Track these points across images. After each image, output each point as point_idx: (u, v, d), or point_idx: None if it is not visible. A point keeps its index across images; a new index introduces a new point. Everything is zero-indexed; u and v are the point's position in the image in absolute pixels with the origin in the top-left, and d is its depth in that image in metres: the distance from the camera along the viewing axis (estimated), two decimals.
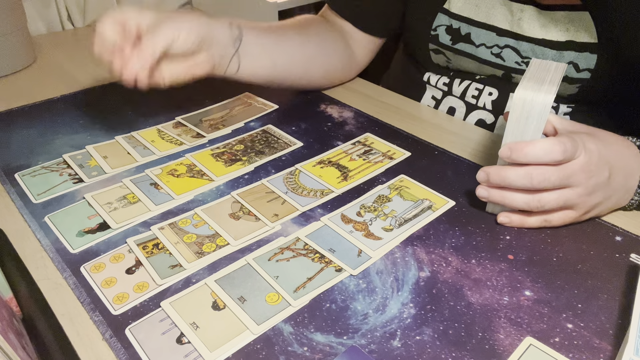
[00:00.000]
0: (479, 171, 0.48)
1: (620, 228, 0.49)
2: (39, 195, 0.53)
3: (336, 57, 0.73)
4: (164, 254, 0.46)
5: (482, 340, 0.38)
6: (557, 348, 0.38)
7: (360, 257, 0.46)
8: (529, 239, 0.48)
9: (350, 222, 0.50)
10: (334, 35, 0.73)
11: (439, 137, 0.65)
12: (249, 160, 0.59)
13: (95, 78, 0.80)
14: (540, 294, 0.42)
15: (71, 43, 0.97)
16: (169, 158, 0.60)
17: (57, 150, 0.61)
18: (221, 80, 0.63)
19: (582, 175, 0.44)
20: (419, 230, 0.49)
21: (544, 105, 0.43)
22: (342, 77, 0.77)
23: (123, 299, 0.41)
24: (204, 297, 0.41)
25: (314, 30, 0.71)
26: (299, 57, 0.68)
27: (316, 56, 0.70)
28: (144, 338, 0.38)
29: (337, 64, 0.74)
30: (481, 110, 0.69)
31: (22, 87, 0.77)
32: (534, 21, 0.60)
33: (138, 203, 0.52)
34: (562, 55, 0.58)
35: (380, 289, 0.43)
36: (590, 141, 0.45)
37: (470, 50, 0.66)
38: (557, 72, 0.46)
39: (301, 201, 0.53)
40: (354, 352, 0.37)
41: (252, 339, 0.38)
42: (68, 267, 0.44)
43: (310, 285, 0.43)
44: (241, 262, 0.45)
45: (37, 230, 0.49)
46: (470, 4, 0.64)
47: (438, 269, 0.45)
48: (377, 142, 0.63)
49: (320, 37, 0.71)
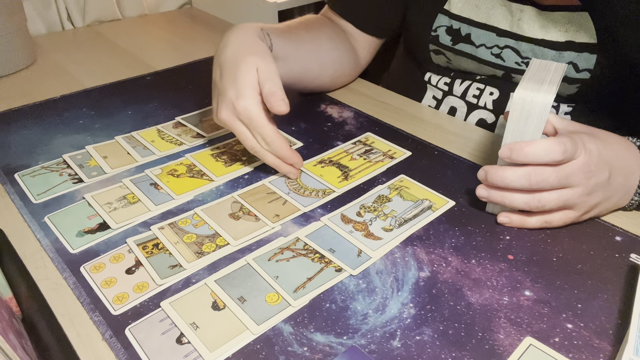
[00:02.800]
0: (480, 170, 0.48)
1: (620, 228, 0.49)
2: (39, 196, 0.53)
3: (345, 60, 0.74)
4: (164, 254, 0.46)
5: (482, 340, 0.38)
6: (557, 348, 0.38)
7: (360, 257, 0.46)
8: (529, 239, 0.48)
9: (350, 222, 0.50)
10: (343, 38, 0.73)
11: (439, 137, 0.65)
12: (249, 160, 0.59)
13: (95, 78, 0.80)
14: (540, 294, 0.42)
15: (71, 43, 0.97)
16: (169, 158, 0.60)
17: (57, 150, 0.61)
18: None
19: (581, 176, 0.44)
20: (419, 230, 0.49)
21: (544, 105, 0.43)
22: (348, 79, 0.77)
23: (123, 299, 0.41)
24: (203, 297, 0.41)
25: (325, 35, 0.71)
26: (314, 63, 0.68)
27: (328, 61, 0.70)
28: (144, 338, 0.38)
29: (346, 67, 0.74)
30: (482, 109, 0.69)
31: (22, 87, 0.77)
32: (533, 22, 0.60)
33: (138, 203, 0.52)
34: (562, 55, 0.58)
35: (380, 289, 0.43)
36: (590, 141, 0.45)
37: (471, 50, 0.66)
38: (557, 72, 0.46)
39: (303, 201, 0.53)
40: (353, 352, 0.37)
41: (252, 339, 0.38)
42: (68, 267, 0.44)
43: (310, 285, 0.43)
44: (241, 262, 0.45)
45: (37, 230, 0.49)
46: (470, 5, 0.64)
47: (438, 269, 0.45)
48: (377, 142, 0.63)
49: (332, 42, 0.71)
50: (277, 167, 0.54)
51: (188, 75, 0.81)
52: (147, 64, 0.86)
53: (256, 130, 0.51)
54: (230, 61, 0.53)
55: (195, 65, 0.85)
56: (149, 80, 0.79)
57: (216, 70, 0.55)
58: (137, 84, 0.78)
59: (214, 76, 0.56)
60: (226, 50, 0.55)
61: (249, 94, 0.51)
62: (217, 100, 0.54)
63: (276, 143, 0.52)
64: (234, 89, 0.51)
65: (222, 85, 0.53)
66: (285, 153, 0.53)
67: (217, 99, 0.54)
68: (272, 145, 0.52)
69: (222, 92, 0.53)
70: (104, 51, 0.92)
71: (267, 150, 0.53)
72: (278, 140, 0.52)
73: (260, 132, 0.51)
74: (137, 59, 0.88)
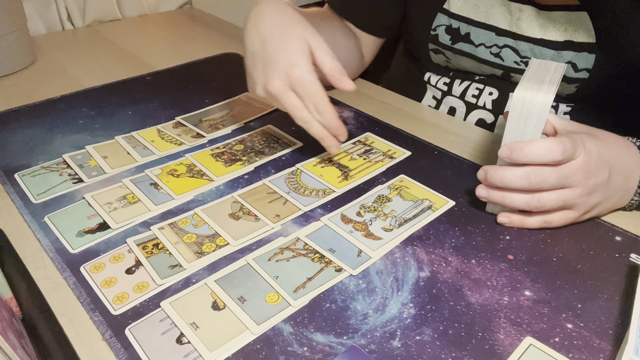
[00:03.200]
0: (480, 170, 0.48)
1: (620, 228, 0.49)
2: (39, 195, 0.53)
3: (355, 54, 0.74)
4: (164, 254, 0.46)
5: (482, 340, 0.38)
6: (557, 348, 0.38)
7: (360, 257, 0.46)
8: (529, 239, 0.48)
9: (350, 222, 0.50)
10: (352, 34, 0.74)
11: (439, 137, 0.65)
12: (249, 160, 0.59)
13: (95, 78, 0.80)
14: (540, 294, 0.42)
15: (71, 43, 0.97)
16: (169, 158, 0.60)
17: (57, 150, 0.61)
18: (221, 80, 0.63)
19: (581, 176, 0.44)
20: (419, 230, 0.49)
21: (544, 105, 0.43)
22: (353, 76, 0.77)
23: (123, 299, 0.41)
24: (203, 297, 0.41)
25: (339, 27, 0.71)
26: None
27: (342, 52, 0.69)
28: (144, 338, 0.38)
29: (353, 63, 0.75)
30: (481, 109, 0.69)
31: (22, 87, 0.77)
32: (532, 21, 0.60)
33: (138, 203, 0.52)
34: (561, 55, 0.58)
35: (380, 289, 0.43)
36: (590, 141, 0.45)
37: (470, 50, 0.66)
38: (557, 72, 0.46)
39: (303, 201, 0.53)
40: (353, 352, 0.37)
41: (252, 339, 0.38)
42: (68, 267, 0.44)
43: (310, 285, 0.43)
44: (241, 262, 0.45)
45: (37, 230, 0.49)
46: (469, 4, 0.64)
47: (438, 269, 0.45)
48: (377, 142, 0.63)
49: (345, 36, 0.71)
50: (323, 138, 0.53)
51: (188, 75, 0.81)
52: (147, 64, 0.86)
53: (311, 100, 0.50)
54: (276, 31, 0.51)
55: (195, 65, 0.85)
56: (149, 80, 0.79)
57: (254, 41, 0.53)
58: (137, 84, 0.78)
59: (250, 47, 0.53)
60: (265, 20, 0.53)
61: (304, 62, 0.50)
62: (263, 71, 0.51)
63: (330, 112, 0.51)
64: (285, 58, 0.49)
65: (269, 55, 0.50)
66: (336, 122, 0.52)
67: (261, 69, 0.52)
68: (326, 114, 0.51)
69: (270, 62, 0.50)
70: (104, 51, 0.92)
71: (317, 120, 0.52)
72: (331, 109, 0.51)
73: (315, 101, 0.50)
74: (137, 59, 0.88)
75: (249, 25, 0.55)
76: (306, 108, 0.51)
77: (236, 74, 0.80)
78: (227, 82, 0.65)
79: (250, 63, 0.54)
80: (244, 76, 0.57)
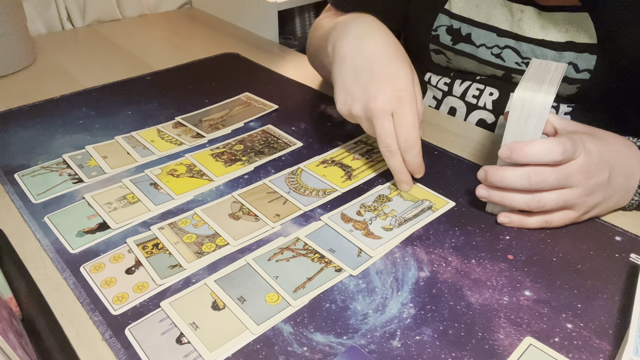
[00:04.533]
0: (480, 170, 0.48)
1: (620, 228, 0.49)
2: (39, 196, 0.53)
3: None
4: (164, 254, 0.46)
5: (482, 340, 0.38)
6: (557, 348, 0.38)
7: (360, 257, 0.46)
8: (528, 239, 0.48)
9: (350, 221, 0.50)
10: None
11: (439, 137, 0.65)
12: (249, 160, 0.59)
13: (95, 78, 0.80)
14: (540, 294, 0.42)
15: (71, 43, 0.97)
16: (169, 158, 0.60)
17: (57, 150, 0.61)
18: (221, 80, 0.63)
19: (581, 176, 0.44)
20: (419, 230, 0.49)
21: (544, 105, 0.43)
22: None
23: (123, 299, 0.41)
24: (203, 297, 0.41)
25: None
26: None
27: None
28: (144, 338, 0.38)
29: None
30: (482, 110, 0.69)
31: (22, 87, 0.77)
32: (533, 22, 0.60)
33: (138, 203, 0.52)
34: (562, 55, 0.58)
35: (380, 289, 0.43)
36: (590, 141, 0.45)
37: (471, 50, 0.66)
38: (557, 73, 0.46)
39: (303, 201, 0.53)
40: (353, 352, 0.37)
41: (252, 339, 0.38)
42: (68, 267, 0.44)
43: (310, 285, 0.43)
44: (241, 262, 0.45)
45: (36, 230, 0.49)
46: (470, 5, 0.64)
47: (438, 269, 0.45)
48: None
49: None
50: (400, 172, 0.52)
51: (188, 75, 0.81)
52: (147, 64, 0.86)
53: (404, 130, 0.49)
54: (385, 54, 0.51)
55: (195, 65, 0.85)
56: (149, 80, 0.79)
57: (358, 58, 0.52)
58: (137, 84, 0.78)
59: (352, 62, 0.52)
60: (377, 39, 0.52)
61: (412, 90, 0.50)
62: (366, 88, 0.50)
63: (419, 148, 0.50)
64: (397, 80, 0.49)
65: (377, 73, 0.50)
66: (420, 160, 0.51)
67: (363, 86, 0.51)
68: (414, 150, 0.50)
69: (379, 80, 0.50)
70: (104, 51, 0.92)
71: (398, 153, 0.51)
72: (420, 146, 0.50)
73: (408, 132, 0.49)
74: (137, 59, 0.88)
75: (349, 40, 0.53)
76: (395, 137, 0.50)
77: (236, 74, 0.81)
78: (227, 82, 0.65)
79: (351, 79, 0.52)
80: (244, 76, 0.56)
